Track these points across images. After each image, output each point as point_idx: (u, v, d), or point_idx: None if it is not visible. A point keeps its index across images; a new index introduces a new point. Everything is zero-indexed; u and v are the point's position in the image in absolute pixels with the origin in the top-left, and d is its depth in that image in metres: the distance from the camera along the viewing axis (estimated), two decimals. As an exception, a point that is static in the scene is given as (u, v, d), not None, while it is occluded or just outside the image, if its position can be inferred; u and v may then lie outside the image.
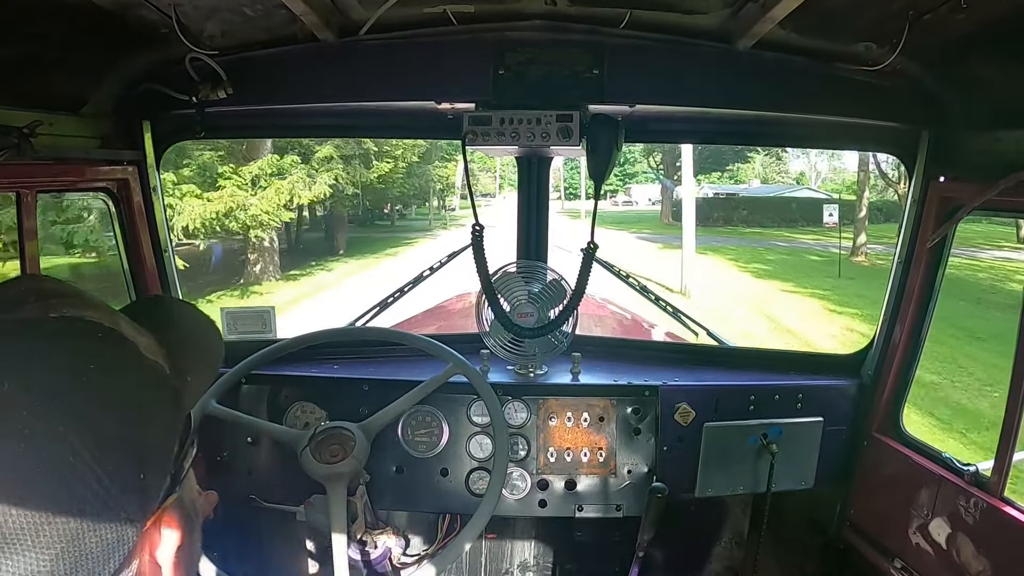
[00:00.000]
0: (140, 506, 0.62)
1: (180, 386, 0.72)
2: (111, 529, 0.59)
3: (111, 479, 0.59)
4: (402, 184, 25.98)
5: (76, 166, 2.03)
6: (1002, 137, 1.85)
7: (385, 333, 2.45)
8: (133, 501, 0.61)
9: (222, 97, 2.03)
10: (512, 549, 2.81)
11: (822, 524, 2.51)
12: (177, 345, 0.75)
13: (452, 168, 33.13)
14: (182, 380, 0.72)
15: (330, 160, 19.11)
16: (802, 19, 1.76)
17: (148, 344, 0.69)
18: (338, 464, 1.91)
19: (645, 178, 51.51)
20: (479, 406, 2.29)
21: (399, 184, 25.82)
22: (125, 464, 0.61)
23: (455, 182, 35.20)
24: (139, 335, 0.69)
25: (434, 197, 38.70)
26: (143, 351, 0.68)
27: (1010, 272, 18.54)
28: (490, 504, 1.92)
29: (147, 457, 0.64)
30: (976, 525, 1.85)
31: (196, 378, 0.77)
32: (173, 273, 2.40)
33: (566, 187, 49.31)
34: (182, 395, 0.72)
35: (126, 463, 0.61)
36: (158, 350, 0.71)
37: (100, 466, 0.58)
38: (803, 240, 28.03)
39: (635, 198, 52.70)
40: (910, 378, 2.27)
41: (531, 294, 2.34)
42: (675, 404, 2.26)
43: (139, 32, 1.86)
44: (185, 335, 0.81)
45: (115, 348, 0.66)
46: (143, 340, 0.69)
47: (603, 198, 3.52)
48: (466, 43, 2.06)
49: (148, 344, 0.69)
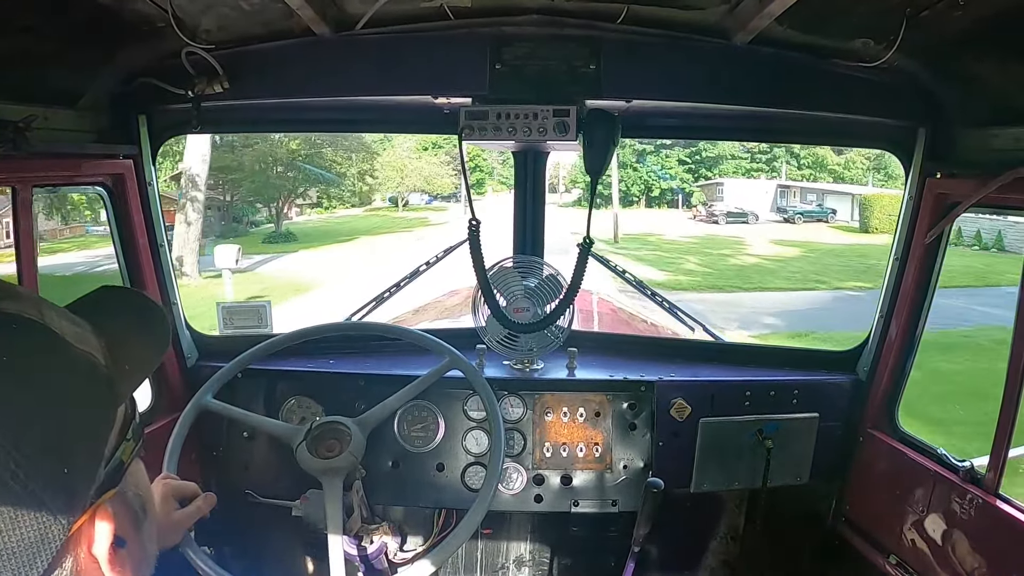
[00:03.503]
0: (66, 502, 0.60)
1: (116, 376, 0.70)
2: (33, 527, 0.57)
3: (30, 475, 0.56)
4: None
5: (72, 160, 2.02)
6: (999, 134, 1.86)
7: (382, 328, 2.45)
8: (58, 496, 0.59)
9: (218, 91, 2.03)
10: (508, 544, 2.81)
11: (817, 519, 2.51)
12: (118, 334, 0.74)
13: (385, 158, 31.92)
14: (119, 370, 0.71)
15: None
16: (799, 15, 1.76)
17: (80, 334, 0.68)
18: (334, 459, 1.91)
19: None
20: (475, 401, 2.29)
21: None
22: (46, 458, 0.58)
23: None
24: (72, 325, 0.68)
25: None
26: (72, 341, 0.66)
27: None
28: (486, 499, 1.92)
29: (72, 450, 0.61)
30: (971, 521, 1.86)
31: (136, 367, 0.76)
32: (169, 267, 2.39)
33: (621, 192, 39.76)
34: (118, 385, 0.70)
35: (47, 457, 0.58)
36: (95, 341, 0.70)
37: (16, 461, 0.56)
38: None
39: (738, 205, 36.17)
40: (906, 374, 2.28)
41: (527, 289, 2.34)
42: (671, 399, 2.27)
43: (135, 26, 1.86)
44: (128, 324, 0.80)
45: (33, 339, 0.63)
46: (75, 330, 0.68)
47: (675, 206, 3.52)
48: (463, 38, 2.06)
49: (80, 334, 0.68)
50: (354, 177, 34.20)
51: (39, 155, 1.83)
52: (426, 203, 43.95)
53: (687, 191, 41.26)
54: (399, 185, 37.87)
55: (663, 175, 41.43)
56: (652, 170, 41.57)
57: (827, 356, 2.66)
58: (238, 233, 29.19)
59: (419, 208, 42.29)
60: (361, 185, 35.76)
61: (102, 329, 0.72)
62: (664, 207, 41.63)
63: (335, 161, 31.07)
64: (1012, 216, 8.16)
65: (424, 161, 37.32)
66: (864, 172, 39.24)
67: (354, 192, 36.81)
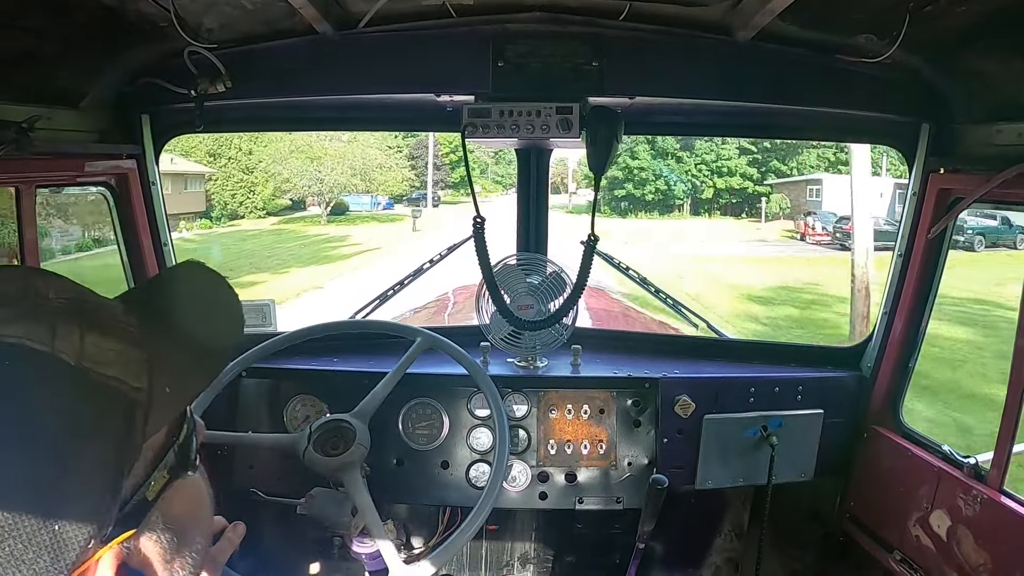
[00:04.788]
0: (52, 560, 0.55)
1: (149, 400, 0.63)
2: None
3: (8, 532, 0.52)
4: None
5: (75, 160, 2.03)
6: (1003, 130, 1.85)
7: (380, 325, 2.46)
8: (41, 556, 0.54)
9: (221, 91, 2.03)
10: (513, 542, 2.82)
11: (822, 516, 2.52)
12: (166, 343, 0.67)
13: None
14: (157, 392, 0.64)
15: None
16: (802, 11, 1.75)
17: (105, 353, 0.61)
18: (346, 454, 1.91)
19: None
20: (479, 399, 2.30)
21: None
22: (27, 517, 0.53)
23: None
24: (99, 340, 0.61)
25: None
26: (90, 366, 0.59)
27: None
28: (490, 497, 1.92)
29: (63, 505, 0.56)
30: (975, 518, 1.85)
31: (180, 386, 0.68)
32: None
33: (658, 193, 32.23)
34: (151, 410, 0.63)
35: (29, 516, 0.53)
36: (131, 354, 0.63)
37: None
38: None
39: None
40: (910, 370, 2.28)
41: (531, 286, 2.34)
42: (675, 396, 2.27)
43: (138, 26, 1.86)
44: (184, 328, 0.71)
45: (28, 374, 0.57)
46: (99, 349, 0.61)
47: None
48: (465, 35, 2.06)
49: (105, 353, 0.61)
50: (239, 174, 26.20)
51: (42, 155, 1.84)
52: (384, 208, 34.30)
53: (752, 193, 30.41)
54: (319, 184, 28.18)
55: (717, 169, 30.88)
56: (704, 161, 30.90)
57: (831, 352, 2.66)
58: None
59: (360, 219, 31.68)
60: (256, 187, 27.15)
61: (150, 334, 0.65)
62: (716, 215, 31.58)
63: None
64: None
65: (358, 145, 28.60)
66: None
67: (238, 194, 27.59)
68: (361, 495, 1.88)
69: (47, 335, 0.59)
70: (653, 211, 32.50)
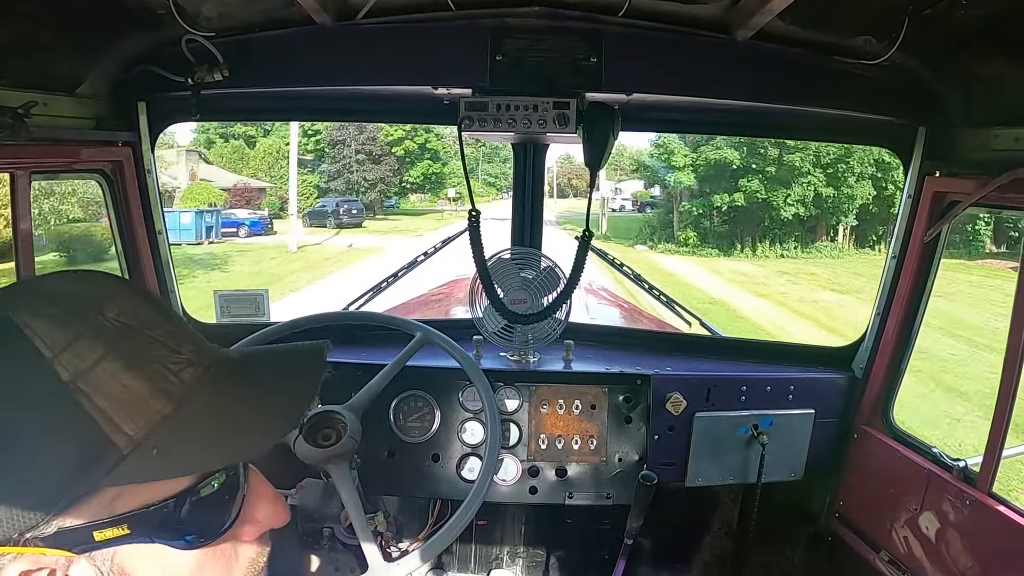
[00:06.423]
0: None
1: (124, 446, 0.59)
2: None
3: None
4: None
5: (71, 147, 2.02)
6: (1000, 134, 1.86)
7: (378, 318, 2.46)
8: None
9: (218, 79, 2.01)
10: (503, 536, 2.83)
11: (811, 515, 2.53)
12: (214, 415, 0.64)
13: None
14: (144, 445, 0.59)
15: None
16: (801, 11, 1.75)
17: (118, 388, 0.58)
18: (336, 446, 1.92)
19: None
20: (471, 392, 2.30)
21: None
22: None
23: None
24: (110, 374, 0.58)
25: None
26: (80, 388, 0.57)
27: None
28: (481, 490, 1.93)
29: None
30: (964, 520, 1.86)
31: (183, 454, 0.62)
32: (168, 256, 2.39)
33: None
34: (119, 458, 0.58)
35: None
36: (151, 405, 0.60)
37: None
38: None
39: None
40: (901, 373, 2.28)
41: (524, 281, 2.34)
42: (667, 393, 2.27)
43: (136, 13, 1.85)
44: (239, 419, 0.68)
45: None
46: (108, 379, 0.58)
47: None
48: (463, 28, 2.05)
49: (118, 388, 0.58)
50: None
51: (38, 142, 1.83)
52: (251, 229, 25.34)
53: (839, 203, 20.02)
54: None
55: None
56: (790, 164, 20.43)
57: (823, 352, 2.66)
58: None
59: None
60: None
61: (199, 398, 0.63)
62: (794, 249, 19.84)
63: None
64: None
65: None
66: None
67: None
68: (347, 488, 1.88)
69: (60, 344, 0.57)
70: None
